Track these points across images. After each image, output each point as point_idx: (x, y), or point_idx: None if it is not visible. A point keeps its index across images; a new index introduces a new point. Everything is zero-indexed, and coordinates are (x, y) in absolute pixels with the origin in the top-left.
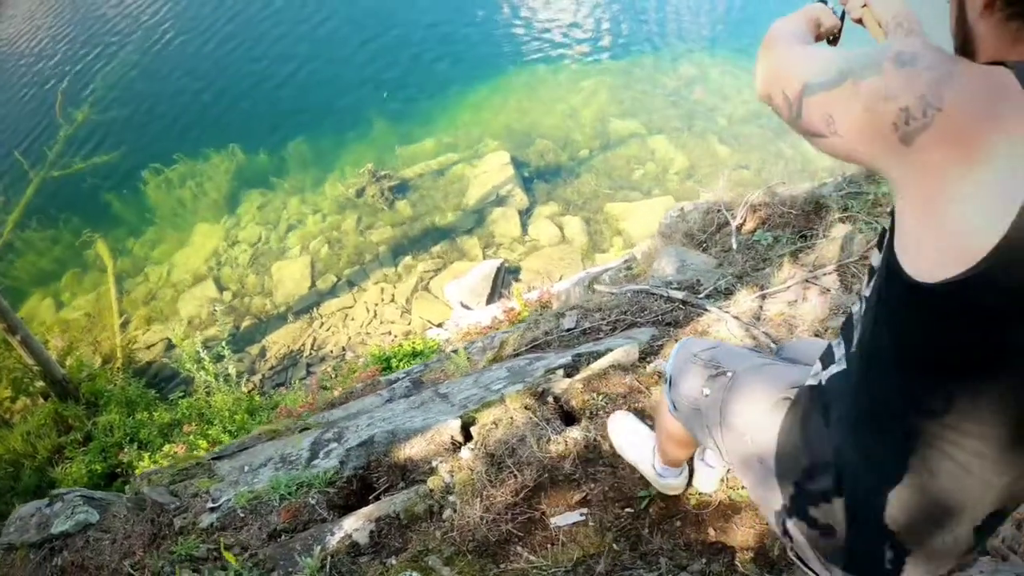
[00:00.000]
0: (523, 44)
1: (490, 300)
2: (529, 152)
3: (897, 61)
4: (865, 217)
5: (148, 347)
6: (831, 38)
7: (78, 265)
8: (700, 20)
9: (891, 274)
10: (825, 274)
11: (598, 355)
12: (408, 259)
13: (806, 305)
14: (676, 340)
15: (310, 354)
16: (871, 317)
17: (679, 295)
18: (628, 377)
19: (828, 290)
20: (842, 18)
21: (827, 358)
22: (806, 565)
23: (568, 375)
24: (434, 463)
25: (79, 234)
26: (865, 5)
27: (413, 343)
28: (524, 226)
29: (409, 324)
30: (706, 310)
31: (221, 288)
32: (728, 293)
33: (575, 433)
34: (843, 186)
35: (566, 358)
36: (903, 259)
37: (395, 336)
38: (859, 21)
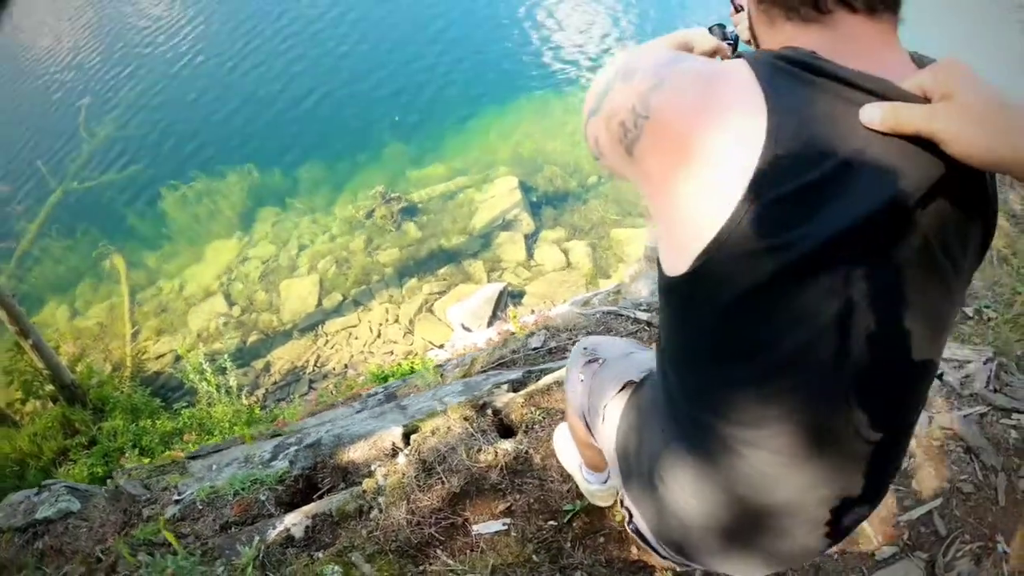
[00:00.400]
0: (537, 69)
1: (491, 323)
2: (538, 178)
3: (622, 77)
4: None
5: (157, 357)
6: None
7: (94, 275)
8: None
9: (658, 269)
10: None
11: (551, 372)
12: (413, 281)
13: None
14: None
15: (313, 371)
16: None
17: (644, 316)
18: None
19: None
20: (734, 41)
21: None
22: (644, 540)
23: (515, 390)
24: (373, 467)
25: (96, 245)
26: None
27: (412, 363)
28: (530, 250)
29: (411, 344)
30: None
31: (231, 303)
32: None
33: (506, 445)
34: None
35: (517, 374)
36: (661, 254)
37: (396, 355)
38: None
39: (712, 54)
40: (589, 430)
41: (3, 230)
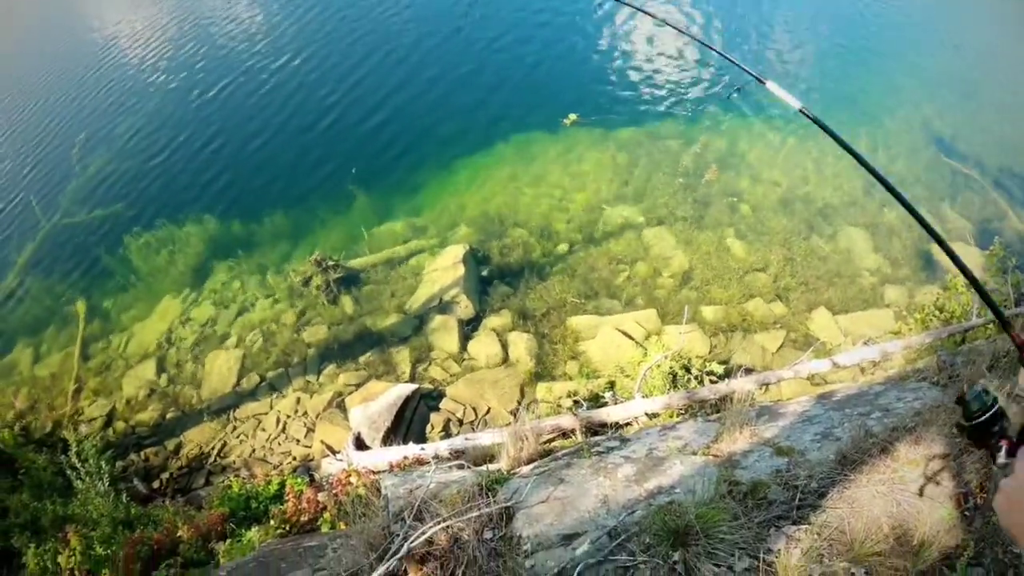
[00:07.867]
0: (529, 108)
1: (388, 437)
2: (498, 245)
3: None
4: None
5: (89, 421)
6: None
7: (60, 320)
8: (735, 80)
9: None
10: None
11: None
12: (332, 367)
13: None
14: None
15: (215, 461)
16: None
17: None
18: None
19: None
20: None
21: None
22: None
23: None
24: None
25: (69, 287)
26: None
27: (284, 478)
28: (465, 339)
29: (310, 447)
30: None
31: (160, 371)
32: None
33: None
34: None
35: None
36: None
37: (294, 458)
38: None
39: None
40: None
41: None
